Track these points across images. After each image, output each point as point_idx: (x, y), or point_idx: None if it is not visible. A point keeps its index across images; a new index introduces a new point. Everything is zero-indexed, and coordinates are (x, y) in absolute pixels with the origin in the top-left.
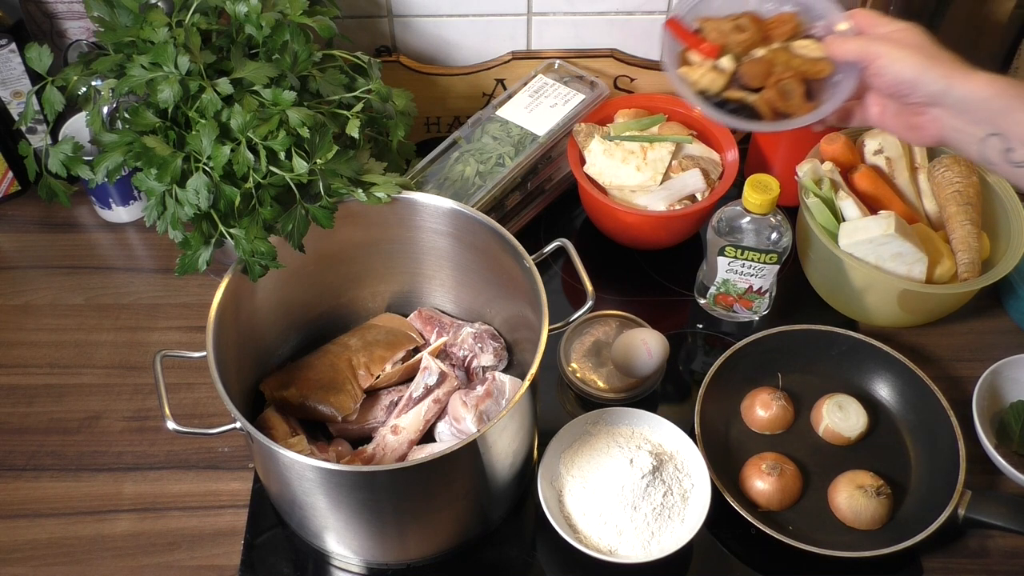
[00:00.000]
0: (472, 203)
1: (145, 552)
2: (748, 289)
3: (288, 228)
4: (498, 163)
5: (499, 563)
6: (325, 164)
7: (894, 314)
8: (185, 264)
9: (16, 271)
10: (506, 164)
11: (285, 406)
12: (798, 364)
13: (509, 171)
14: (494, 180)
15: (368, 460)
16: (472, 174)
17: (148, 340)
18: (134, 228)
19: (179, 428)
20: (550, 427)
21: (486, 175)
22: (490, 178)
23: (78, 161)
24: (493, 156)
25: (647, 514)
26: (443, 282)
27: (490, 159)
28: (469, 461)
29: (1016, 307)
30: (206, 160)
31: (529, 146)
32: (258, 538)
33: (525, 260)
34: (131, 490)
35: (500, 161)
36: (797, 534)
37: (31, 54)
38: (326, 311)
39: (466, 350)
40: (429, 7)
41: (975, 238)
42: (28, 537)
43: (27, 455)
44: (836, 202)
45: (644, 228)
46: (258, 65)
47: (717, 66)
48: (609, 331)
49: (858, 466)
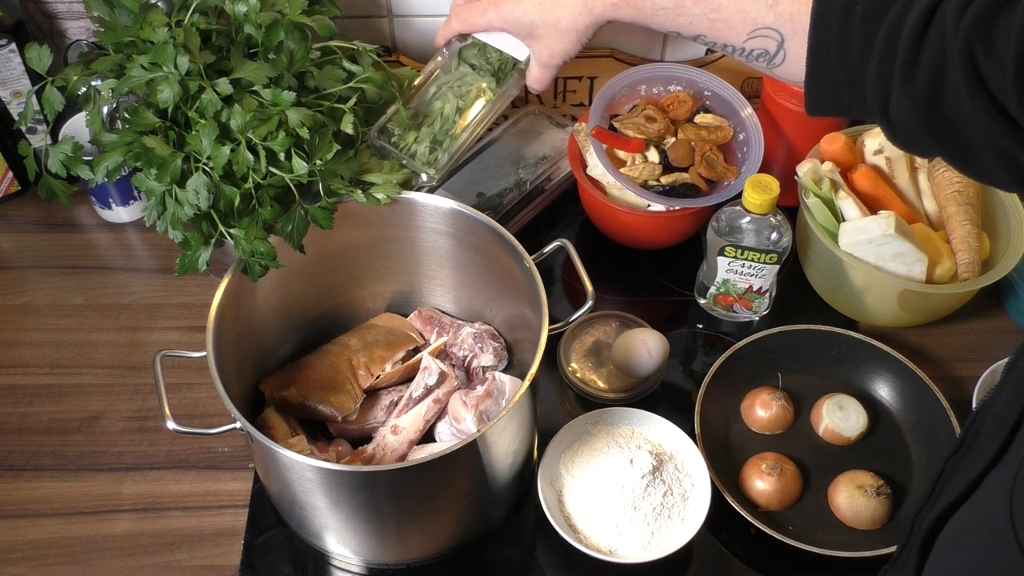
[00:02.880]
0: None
1: (145, 552)
2: (748, 289)
3: (288, 229)
4: (477, 95)
5: (499, 563)
6: (324, 165)
7: (894, 314)
8: (185, 264)
9: (16, 271)
10: (487, 96)
11: (285, 406)
12: (798, 364)
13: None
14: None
15: (368, 460)
16: (451, 111)
17: (148, 340)
18: (134, 228)
19: (179, 428)
20: (550, 427)
21: (465, 110)
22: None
23: (78, 161)
24: (472, 88)
25: (647, 514)
26: (443, 282)
27: (469, 92)
28: (469, 461)
29: (1016, 307)
30: (206, 160)
31: (510, 76)
32: (258, 538)
33: (525, 260)
34: (131, 490)
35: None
36: (797, 534)
37: (31, 54)
38: (326, 311)
39: (466, 350)
40: (429, 7)
41: (975, 238)
42: (28, 537)
43: (27, 455)
44: (836, 202)
45: (644, 228)
46: (258, 65)
47: (648, 159)
48: (609, 331)
49: (858, 466)
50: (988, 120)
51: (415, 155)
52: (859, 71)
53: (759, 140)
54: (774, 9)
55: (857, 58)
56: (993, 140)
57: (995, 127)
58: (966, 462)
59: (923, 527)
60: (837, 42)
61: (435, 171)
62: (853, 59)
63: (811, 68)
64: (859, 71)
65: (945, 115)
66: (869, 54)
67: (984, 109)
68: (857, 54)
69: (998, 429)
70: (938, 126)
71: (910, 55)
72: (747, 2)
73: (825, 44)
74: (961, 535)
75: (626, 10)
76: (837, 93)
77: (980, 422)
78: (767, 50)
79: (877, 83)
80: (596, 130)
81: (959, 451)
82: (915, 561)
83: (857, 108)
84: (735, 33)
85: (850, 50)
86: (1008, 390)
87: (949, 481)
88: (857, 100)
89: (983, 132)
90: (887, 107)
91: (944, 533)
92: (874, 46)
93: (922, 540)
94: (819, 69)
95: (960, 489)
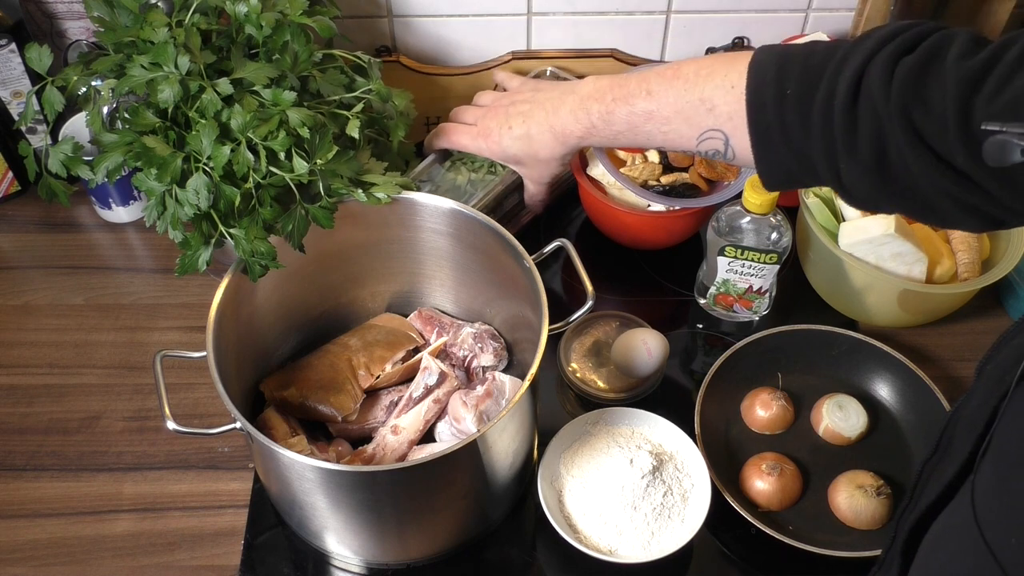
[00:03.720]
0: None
1: (145, 552)
2: (748, 289)
3: (288, 228)
4: (489, 171)
5: (499, 563)
6: (325, 165)
7: (894, 314)
8: (185, 264)
9: (16, 271)
10: (497, 172)
11: (285, 406)
12: (798, 364)
13: (500, 180)
14: (486, 188)
15: (368, 460)
16: (464, 182)
17: (148, 340)
18: (134, 228)
19: (179, 428)
20: (550, 427)
21: (478, 183)
22: (482, 185)
23: (78, 161)
24: (484, 163)
25: (647, 514)
26: (443, 282)
27: (481, 167)
28: (469, 461)
29: (1016, 307)
30: (206, 160)
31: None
32: (258, 538)
33: (525, 260)
34: (131, 490)
35: (492, 169)
36: (797, 534)
37: (31, 54)
38: (326, 311)
39: (466, 350)
40: (429, 7)
41: (975, 238)
42: (28, 537)
43: (27, 455)
44: (836, 202)
45: (644, 228)
46: (258, 65)
47: (647, 159)
48: (609, 331)
49: (858, 466)
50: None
51: None
52: (805, 148)
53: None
54: (712, 112)
55: (800, 138)
56: (948, 192)
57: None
58: (942, 465)
59: (905, 529)
60: (777, 127)
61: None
62: (796, 139)
63: (758, 155)
64: (805, 148)
65: (896, 177)
66: (809, 133)
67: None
68: (798, 134)
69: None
70: (892, 187)
71: (848, 128)
72: (689, 112)
73: (765, 131)
74: (941, 538)
75: (592, 138)
76: (789, 171)
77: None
78: (718, 149)
79: (824, 158)
80: None
81: (935, 454)
82: (899, 563)
83: (811, 180)
84: (686, 140)
85: (791, 132)
86: (979, 393)
87: (927, 483)
88: (809, 174)
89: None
90: (840, 177)
91: (927, 536)
92: (811, 125)
93: (904, 542)
94: (766, 154)
95: (937, 492)
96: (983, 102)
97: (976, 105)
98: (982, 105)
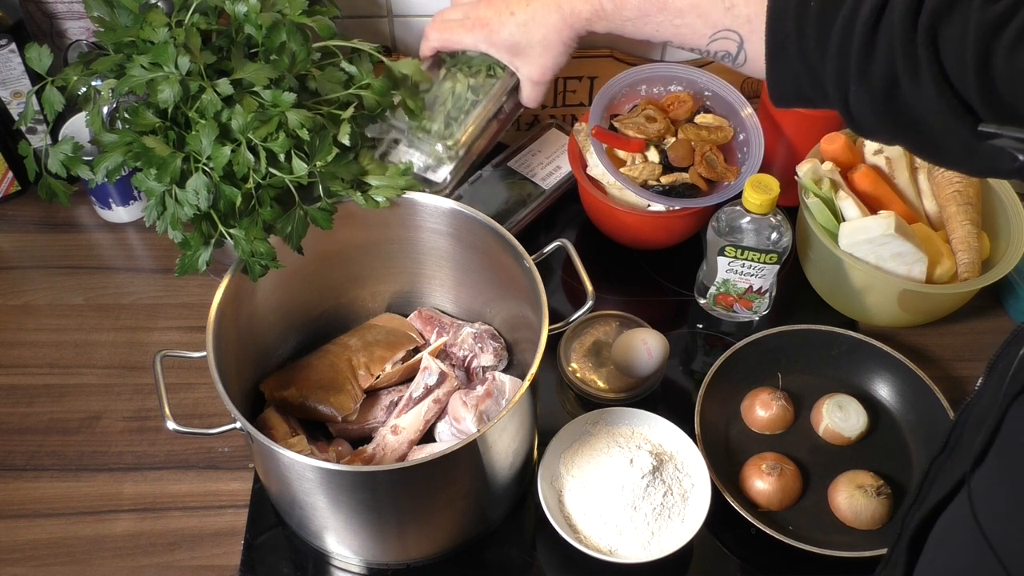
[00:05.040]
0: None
1: (145, 552)
2: (748, 289)
3: (287, 229)
4: (488, 74)
5: (499, 563)
6: (324, 167)
7: (894, 314)
8: (185, 264)
9: (16, 271)
10: (497, 75)
11: (285, 406)
12: (798, 364)
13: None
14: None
15: (368, 460)
16: (463, 89)
17: (148, 340)
18: (134, 228)
19: (179, 428)
20: (550, 427)
21: (478, 88)
22: (483, 91)
23: (78, 161)
24: (482, 67)
25: (647, 514)
26: (443, 282)
27: (479, 71)
28: (469, 461)
29: (1016, 307)
30: (206, 160)
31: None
32: (258, 538)
33: (525, 260)
34: (131, 490)
35: (491, 72)
36: (797, 534)
37: (31, 54)
38: (326, 311)
39: (466, 350)
40: (429, 7)
41: (975, 238)
42: (28, 537)
43: (27, 455)
44: (836, 202)
45: (644, 228)
46: (258, 66)
47: (647, 159)
48: (609, 331)
49: (858, 466)
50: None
51: (430, 132)
52: (818, 66)
53: (759, 140)
54: (731, 12)
55: (815, 53)
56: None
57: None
58: (951, 463)
59: (910, 527)
60: (794, 39)
61: (452, 143)
62: (811, 54)
63: (771, 65)
64: (818, 66)
65: (903, 107)
66: (826, 50)
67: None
68: (814, 49)
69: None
70: (896, 117)
71: (864, 52)
72: (706, 7)
73: (782, 41)
74: (947, 534)
75: (600, 23)
76: (799, 86)
77: (964, 422)
78: (728, 51)
79: (835, 77)
80: (596, 130)
81: (944, 451)
82: (905, 561)
83: (820, 100)
84: (698, 37)
85: (807, 46)
86: (990, 390)
87: (936, 481)
88: (819, 92)
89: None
90: (847, 101)
91: (932, 533)
92: (830, 42)
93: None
94: (779, 65)
95: (946, 489)
96: (1003, 49)
97: (994, 51)
98: (1001, 52)
